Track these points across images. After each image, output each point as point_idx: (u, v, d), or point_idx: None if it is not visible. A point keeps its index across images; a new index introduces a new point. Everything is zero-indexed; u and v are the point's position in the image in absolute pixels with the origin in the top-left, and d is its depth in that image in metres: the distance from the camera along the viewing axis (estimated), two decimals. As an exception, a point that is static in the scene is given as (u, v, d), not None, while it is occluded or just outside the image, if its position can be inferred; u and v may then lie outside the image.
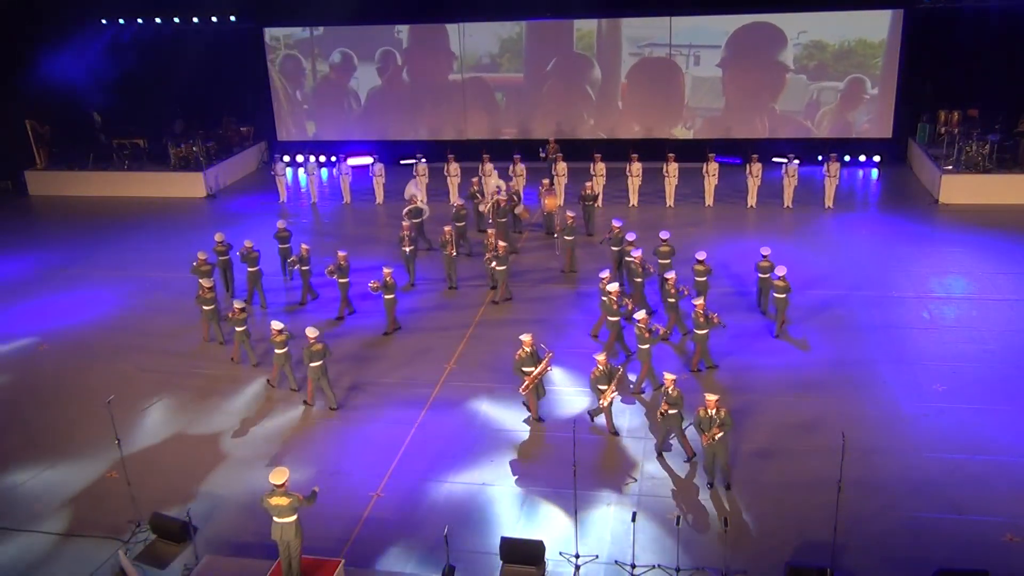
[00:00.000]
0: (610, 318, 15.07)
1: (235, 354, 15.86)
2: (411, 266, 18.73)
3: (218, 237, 18.61)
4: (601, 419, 13.15)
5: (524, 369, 13.16)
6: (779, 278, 15.78)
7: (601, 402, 12.87)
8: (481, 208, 21.56)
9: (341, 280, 17.19)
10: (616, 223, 18.17)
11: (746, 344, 15.53)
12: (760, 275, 16.75)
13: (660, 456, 12.57)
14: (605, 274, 16.19)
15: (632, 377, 14.42)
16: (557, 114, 27.61)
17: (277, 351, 14.55)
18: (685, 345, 15.60)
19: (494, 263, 17.55)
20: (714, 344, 14.83)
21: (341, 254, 17.13)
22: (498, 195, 20.99)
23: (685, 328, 15.89)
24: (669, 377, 12.15)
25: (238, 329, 15.48)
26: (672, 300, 15.55)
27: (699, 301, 14.57)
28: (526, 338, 13.26)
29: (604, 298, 15.18)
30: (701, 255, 16.59)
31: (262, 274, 18.18)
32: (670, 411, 12.06)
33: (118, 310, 18.52)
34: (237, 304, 15.44)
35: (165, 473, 12.69)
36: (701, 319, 14.37)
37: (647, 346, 14.01)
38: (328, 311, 17.64)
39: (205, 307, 16.31)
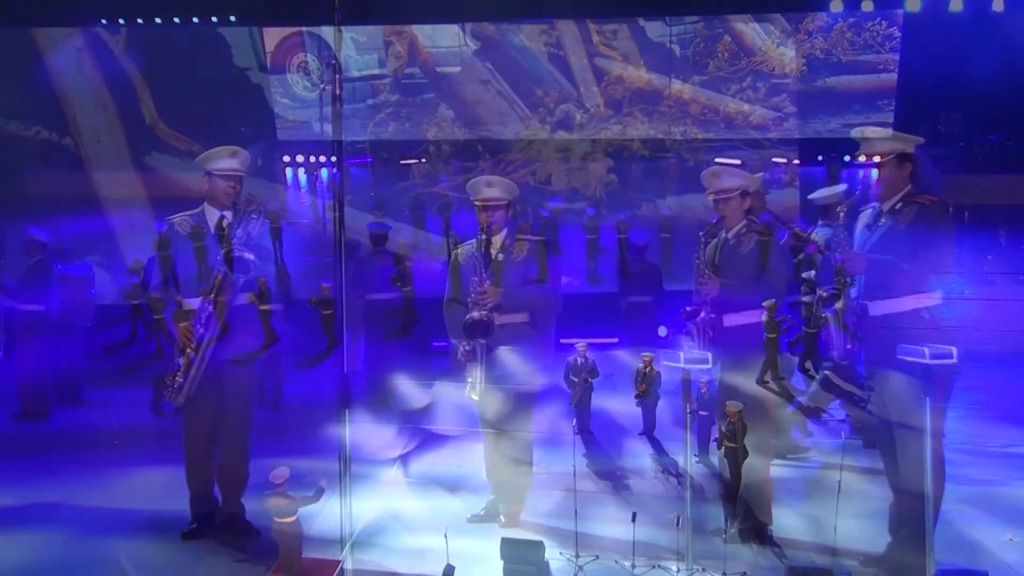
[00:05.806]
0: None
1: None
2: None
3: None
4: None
5: (572, 378, 12.71)
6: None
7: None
8: None
9: (262, 307, 16.49)
10: (590, 211, 18.77)
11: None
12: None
13: (699, 460, 12.25)
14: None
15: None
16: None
17: (155, 316, 15.16)
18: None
19: (399, 282, 17.01)
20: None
21: (261, 279, 16.57)
22: None
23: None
24: (704, 379, 11.82)
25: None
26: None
27: (807, 299, 14.25)
28: (581, 345, 12.82)
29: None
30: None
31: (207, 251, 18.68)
32: (701, 412, 11.90)
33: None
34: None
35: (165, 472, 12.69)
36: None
37: (773, 335, 13.67)
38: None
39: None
